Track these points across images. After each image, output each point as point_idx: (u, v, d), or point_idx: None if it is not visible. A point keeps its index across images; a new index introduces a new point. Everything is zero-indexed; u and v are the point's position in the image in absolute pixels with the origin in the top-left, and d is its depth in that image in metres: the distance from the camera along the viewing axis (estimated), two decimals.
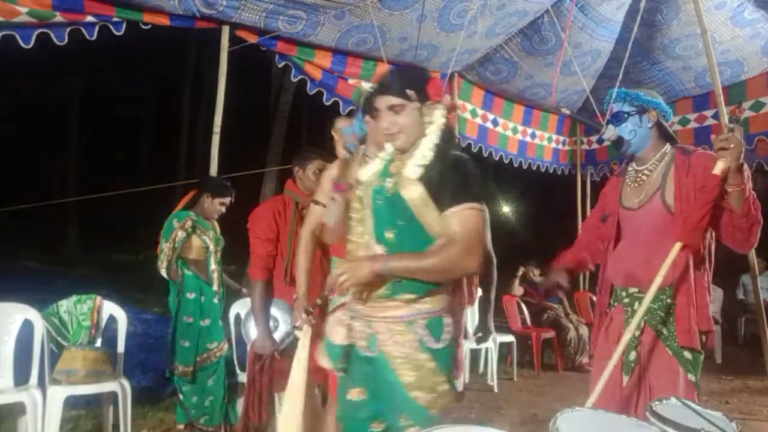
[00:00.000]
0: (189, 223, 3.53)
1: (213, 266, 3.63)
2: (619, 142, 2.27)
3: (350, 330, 1.85)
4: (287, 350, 2.86)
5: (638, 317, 2.05)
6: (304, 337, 2.25)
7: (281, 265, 2.92)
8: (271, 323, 2.86)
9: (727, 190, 1.96)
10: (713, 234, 2.13)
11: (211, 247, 3.63)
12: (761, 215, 2.02)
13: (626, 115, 2.23)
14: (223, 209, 3.74)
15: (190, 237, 3.54)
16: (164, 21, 3.85)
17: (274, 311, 2.87)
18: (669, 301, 2.12)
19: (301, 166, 3.07)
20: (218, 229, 3.80)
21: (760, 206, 1.98)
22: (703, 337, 2.09)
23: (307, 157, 3.07)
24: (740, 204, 1.94)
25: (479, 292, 3.32)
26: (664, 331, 2.12)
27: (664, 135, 2.25)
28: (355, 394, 1.84)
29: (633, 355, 2.15)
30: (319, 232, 2.53)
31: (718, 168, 1.94)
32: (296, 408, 2.13)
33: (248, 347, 3.04)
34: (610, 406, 1.96)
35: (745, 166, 1.96)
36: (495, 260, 3.28)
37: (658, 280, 2.00)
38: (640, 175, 2.26)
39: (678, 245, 2.00)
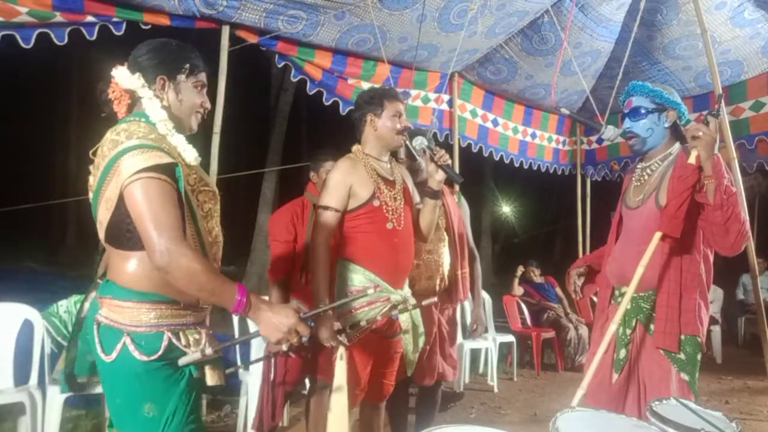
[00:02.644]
0: None
1: None
2: (633, 138, 2.24)
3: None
4: (300, 349, 2.87)
5: (620, 313, 2.07)
6: (340, 363, 2.22)
7: (298, 267, 2.95)
8: None
9: (704, 183, 1.98)
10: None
11: None
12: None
13: (645, 112, 2.21)
14: None
15: None
16: (164, 21, 3.85)
17: None
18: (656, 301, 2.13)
19: (315, 169, 3.12)
20: None
21: (737, 203, 1.98)
22: (699, 339, 2.09)
23: (318, 159, 3.13)
24: (712, 196, 1.96)
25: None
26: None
27: (677, 136, 2.23)
28: None
29: (623, 352, 2.15)
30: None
31: (692, 157, 1.99)
32: None
33: (264, 347, 3.06)
34: (598, 402, 1.97)
35: (720, 160, 1.98)
36: (478, 256, 3.33)
37: (639, 271, 2.01)
38: (643, 173, 2.26)
39: (658, 234, 2.01)
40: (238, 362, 3.76)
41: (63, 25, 3.58)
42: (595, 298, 2.51)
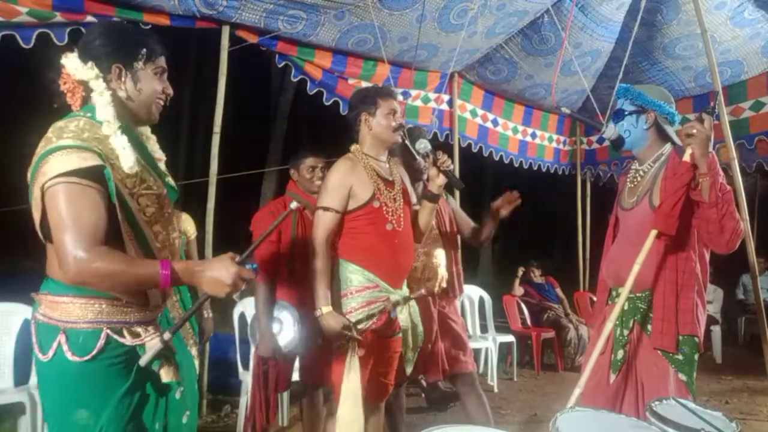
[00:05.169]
0: None
1: None
2: (616, 139, 2.29)
3: None
4: (291, 352, 2.86)
5: (615, 313, 2.07)
6: (353, 358, 2.25)
7: (284, 266, 2.92)
8: (276, 325, 2.85)
9: (699, 181, 1.99)
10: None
11: None
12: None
13: (624, 114, 2.25)
14: None
15: None
16: (164, 21, 3.85)
17: (278, 313, 2.87)
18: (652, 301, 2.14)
19: (295, 167, 3.09)
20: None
21: (732, 201, 1.99)
22: (696, 339, 2.09)
23: (298, 156, 3.10)
24: (707, 193, 1.96)
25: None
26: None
27: (665, 136, 2.24)
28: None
29: (621, 353, 2.16)
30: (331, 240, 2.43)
31: (687, 154, 2.00)
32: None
33: (253, 350, 3.05)
34: (596, 403, 1.97)
35: (714, 158, 1.98)
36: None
37: (635, 269, 2.02)
38: (637, 175, 2.27)
39: (653, 233, 2.01)
40: (239, 362, 3.76)
41: (63, 25, 3.58)
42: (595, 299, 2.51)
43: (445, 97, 5.66)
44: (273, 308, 2.86)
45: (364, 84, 4.91)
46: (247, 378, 3.55)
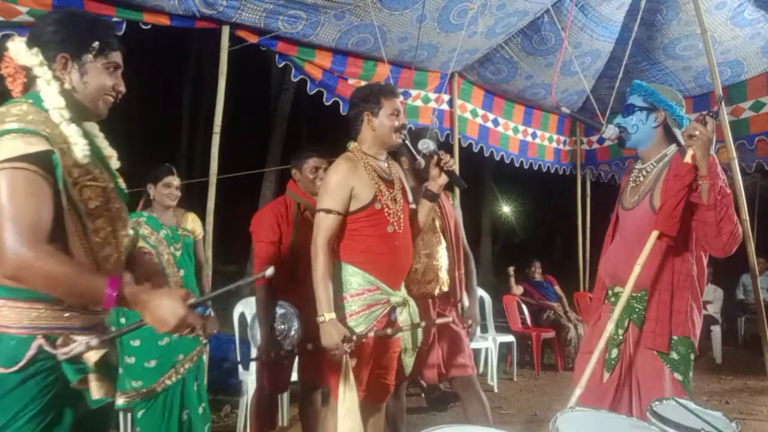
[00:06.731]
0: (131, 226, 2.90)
1: (168, 271, 3.00)
2: (622, 133, 2.28)
3: None
4: (292, 353, 2.86)
5: (617, 312, 2.07)
6: (347, 370, 2.24)
7: (285, 267, 2.91)
8: (277, 326, 2.84)
9: (699, 183, 1.99)
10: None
11: (162, 251, 3.01)
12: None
13: (635, 109, 2.24)
14: (174, 191, 3.15)
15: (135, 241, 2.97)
16: (164, 21, 3.85)
17: (280, 313, 2.86)
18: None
19: (297, 167, 3.05)
20: (188, 224, 3.30)
21: (731, 204, 1.99)
22: (692, 339, 2.09)
23: (301, 156, 3.06)
24: (706, 196, 1.97)
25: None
26: None
27: (672, 137, 2.24)
28: None
29: (615, 352, 2.16)
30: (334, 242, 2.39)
31: (688, 155, 2.00)
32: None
33: (255, 351, 3.05)
34: (590, 401, 1.97)
35: (715, 160, 1.99)
36: (471, 255, 3.29)
37: (636, 270, 2.02)
38: (639, 175, 2.27)
39: (655, 233, 2.01)
40: (239, 365, 3.77)
41: None
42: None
43: (446, 97, 5.66)
44: (273, 311, 2.85)
45: (365, 84, 4.90)
46: (247, 378, 3.55)
